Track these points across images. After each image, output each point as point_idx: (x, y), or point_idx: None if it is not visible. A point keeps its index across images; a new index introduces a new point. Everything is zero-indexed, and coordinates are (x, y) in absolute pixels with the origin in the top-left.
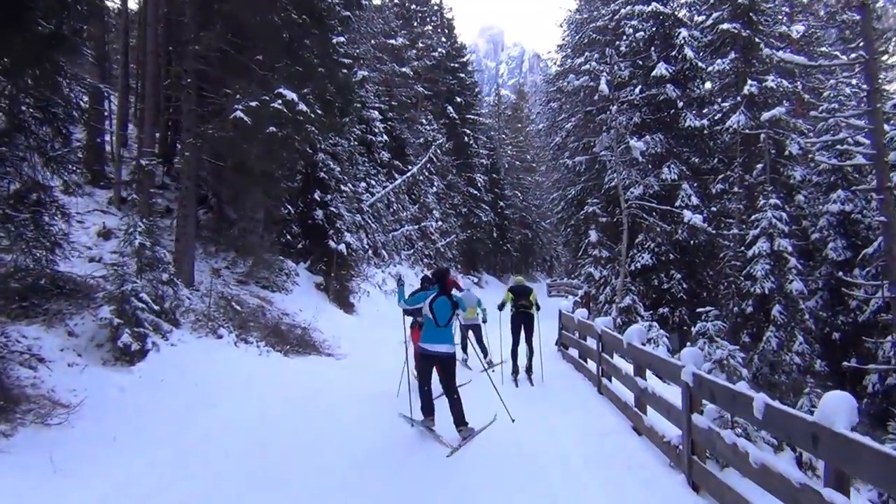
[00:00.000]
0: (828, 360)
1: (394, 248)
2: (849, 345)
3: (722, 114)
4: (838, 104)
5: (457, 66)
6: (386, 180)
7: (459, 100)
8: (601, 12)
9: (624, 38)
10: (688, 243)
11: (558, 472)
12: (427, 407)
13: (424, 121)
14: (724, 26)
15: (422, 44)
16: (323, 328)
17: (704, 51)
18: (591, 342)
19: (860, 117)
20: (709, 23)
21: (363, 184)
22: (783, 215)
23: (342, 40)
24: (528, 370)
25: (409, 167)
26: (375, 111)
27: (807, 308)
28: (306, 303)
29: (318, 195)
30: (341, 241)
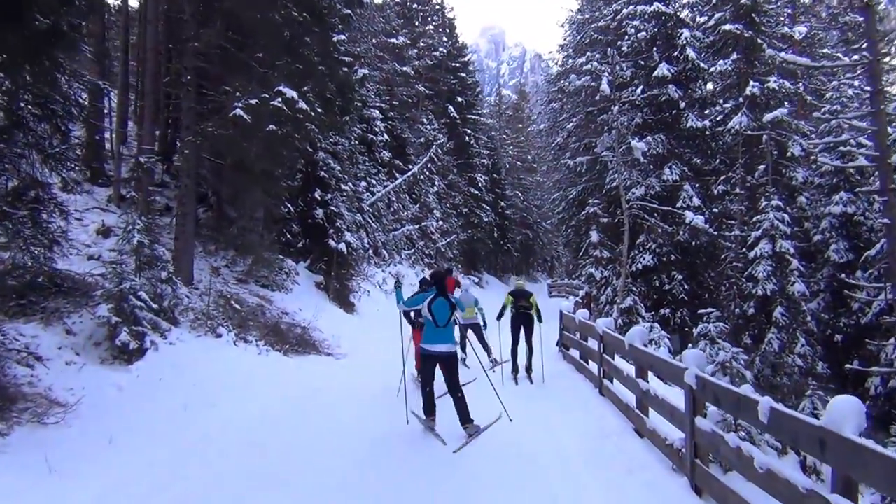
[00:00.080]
0: (830, 362)
1: (394, 247)
2: (851, 347)
3: (724, 115)
4: (841, 106)
5: (458, 65)
6: (386, 179)
7: (460, 99)
8: (603, 12)
9: (626, 39)
10: (689, 244)
11: (558, 474)
12: (429, 407)
13: (425, 120)
14: (726, 27)
15: (423, 43)
16: (323, 327)
17: (706, 51)
18: (592, 343)
19: (863, 119)
20: (711, 23)
21: (364, 183)
22: (785, 217)
23: (343, 38)
24: (528, 369)
25: (410, 167)
26: (376, 110)
27: (809, 310)
28: (306, 302)
29: (318, 194)
30: (341, 240)
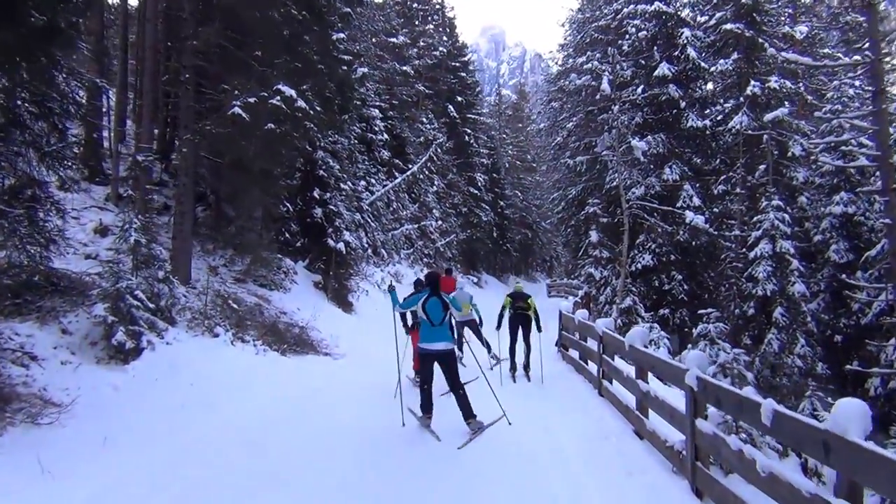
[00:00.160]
0: (830, 363)
1: (393, 247)
2: (851, 348)
3: (724, 114)
4: (841, 105)
5: (458, 65)
6: (386, 179)
7: (460, 99)
8: (603, 12)
9: (626, 38)
10: (689, 244)
11: (558, 475)
12: (426, 405)
13: (425, 119)
14: (727, 26)
15: (423, 42)
16: (321, 327)
17: (707, 51)
18: (591, 343)
19: (864, 118)
20: (712, 23)
21: (363, 182)
22: (785, 217)
23: (342, 37)
24: (526, 367)
25: (410, 166)
26: (376, 109)
27: (809, 310)
28: (304, 301)
29: (317, 193)
30: (340, 239)
